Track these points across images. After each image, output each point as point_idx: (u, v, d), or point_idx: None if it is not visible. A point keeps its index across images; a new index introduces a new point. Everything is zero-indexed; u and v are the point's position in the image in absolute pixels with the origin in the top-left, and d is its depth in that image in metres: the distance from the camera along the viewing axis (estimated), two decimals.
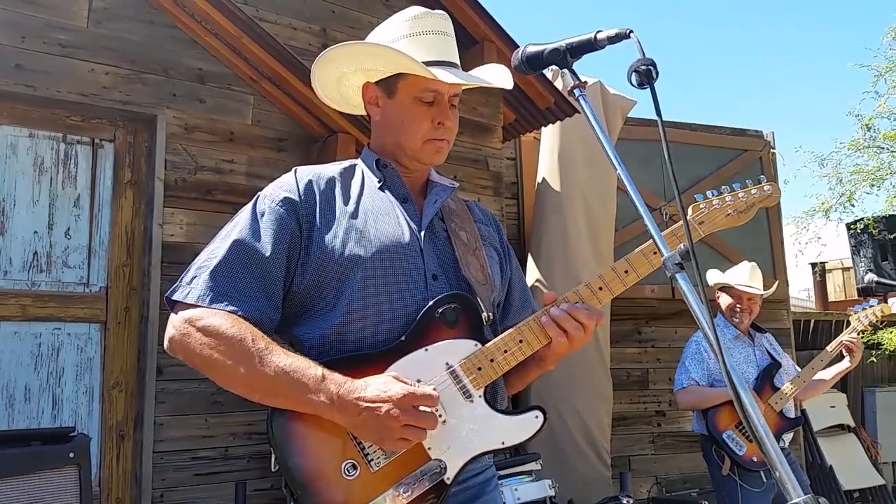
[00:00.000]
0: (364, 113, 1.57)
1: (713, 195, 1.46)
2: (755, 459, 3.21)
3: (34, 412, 3.16)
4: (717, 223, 1.46)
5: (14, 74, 3.11)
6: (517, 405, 3.79)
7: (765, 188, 1.48)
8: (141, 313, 3.37)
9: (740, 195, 1.48)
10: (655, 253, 1.35)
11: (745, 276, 3.54)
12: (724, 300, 3.54)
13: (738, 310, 3.48)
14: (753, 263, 3.63)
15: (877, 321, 3.43)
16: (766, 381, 3.36)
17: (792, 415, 3.43)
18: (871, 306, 3.42)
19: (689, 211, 1.42)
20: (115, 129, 3.44)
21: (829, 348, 3.43)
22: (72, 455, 2.29)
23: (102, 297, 3.34)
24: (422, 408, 1.21)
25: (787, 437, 3.44)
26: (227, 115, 3.60)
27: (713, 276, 3.61)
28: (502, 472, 3.19)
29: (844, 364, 3.45)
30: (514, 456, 3.61)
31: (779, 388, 3.35)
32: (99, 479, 3.24)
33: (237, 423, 3.41)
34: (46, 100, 3.21)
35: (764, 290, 3.55)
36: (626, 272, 1.36)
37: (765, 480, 3.22)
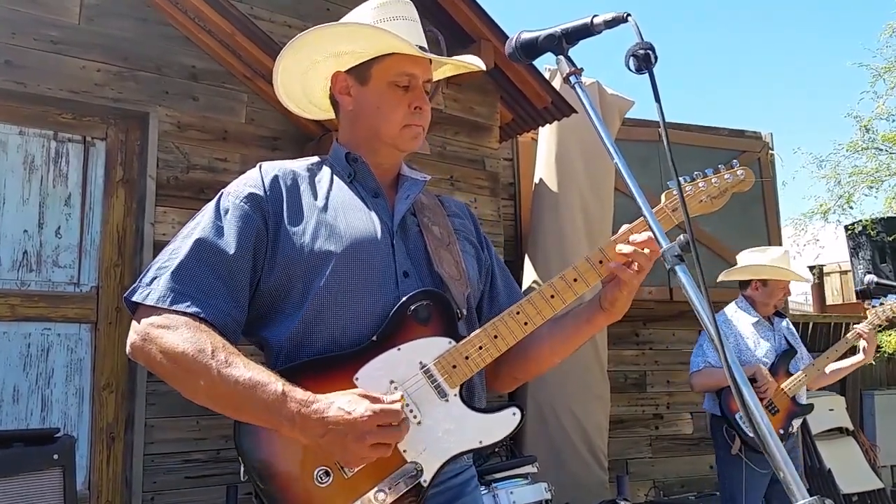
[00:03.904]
0: (325, 116, 1.53)
1: (686, 181, 1.42)
2: None
3: (23, 413, 3.11)
4: (690, 209, 1.42)
5: (4, 71, 3.07)
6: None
7: (738, 172, 1.45)
8: (131, 315, 3.32)
9: (713, 181, 1.44)
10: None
11: (796, 266, 3.51)
12: (763, 289, 3.46)
13: (777, 299, 3.45)
14: (786, 248, 3.61)
15: (893, 316, 3.42)
16: (781, 365, 3.37)
17: (803, 401, 3.43)
18: (889, 301, 3.42)
19: (663, 198, 1.40)
20: (106, 126, 3.40)
21: (848, 336, 3.42)
22: (56, 457, 2.23)
23: (93, 298, 3.29)
24: (387, 424, 1.16)
25: (797, 422, 3.42)
26: (221, 114, 3.56)
27: (759, 269, 3.47)
28: (498, 475, 3.15)
29: (859, 357, 3.47)
30: (510, 458, 3.57)
31: (793, 374, 3.35)
32: (89, 481, 3.19)
33: (229, 426, 3.32)
34: (37, 97, 3.17)
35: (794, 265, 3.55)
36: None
37: None
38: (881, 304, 3.43)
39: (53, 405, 3.17)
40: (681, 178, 1.42)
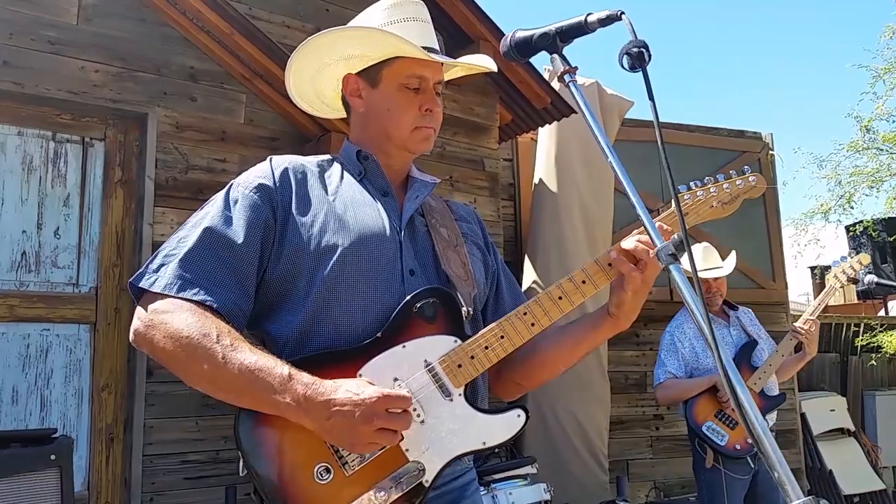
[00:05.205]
0: (337, 115, 1.53)
1: (697, 186, 1.42)
2: (739, 447, 3.18)
3: (21, 414, 3.10)
4: (701, 215, 1.43)
5: (2, 71, 3.07)
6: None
7: (749, 179, 1.45)
8: (131, 314, 3.31)
9: (725, 187, 1.44)
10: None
11: (700, 260, 3.43)
12: None
13: (707, 296, 3.39)
14: (705, 244, 3.55)
15: (854, 274, 3.33)
16: (742, 361, 3.30)
17: (773, 392, 3.35)
18: (847, 259, 3.33)
19: (673, 203, 1.39)
20: (105, 127, 3.40)
21: (789, 336, 3.32)
22: (53, 457, 2.23)
23: (92, 298, 3.29)
24: (395, 409, 1.15)
25: (771, 415, 3.35)
26: (219, 114, 3.56)
27: None
28: (497, 476, 3.14)
29: (800, 353, 3.36)
30: (509, 459, 3.56)
31: (757, 368, 3.27)
32: (88, 482, 3.19)
33: (228, 427, 3.34)
34: (35, 97, 3.17)
35: (723, 262, 3.45)
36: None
37: (752, 466, 3.18)
38: (838, 265, 3.31)
39: (52, 406, 3.17)
40: (693, 183, 1.43)
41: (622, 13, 1.04)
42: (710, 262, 3.46)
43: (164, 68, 3.44)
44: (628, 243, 1.30)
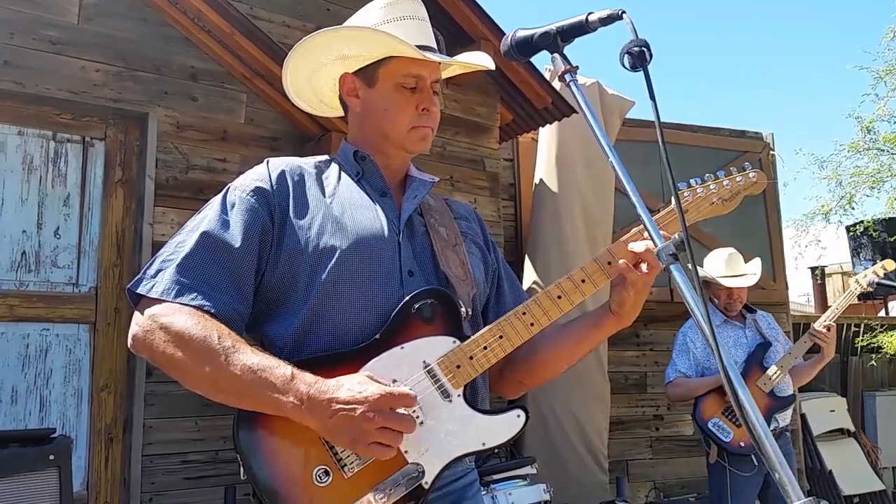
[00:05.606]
0: (336, 114, 1.53)
1: (697, 183, 1.41)
2: (742, 444, 3.25)
3: (21, 414, 3.10)
4: (701, 212, 1.42)
5: (3, 71, 3.07)
6: None
7: (750, 175, 1.44)
8: (131, 314, 3.30)
9: (725, 183, 1.42)
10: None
11: (723, 266, 3.50)
12: (706, 290, 3.51)
13: (728, 302, 3.48)
14: (731, 250, 3.60)
15: (879, 279, 3.38)
16: (754, 362, 3.36)
17: (786, 393, 3.37)
18: (871, 266, 3.40)
19: (673, 200, 1.39)
20: (105, 127, 3.40)
21: (805, 338, 3.36)
22: (52, 457, 2.23)
23: (92, 298, 3.29)
24: (399, 410, 1.15)
25: (783, 415, 3.37)
26: (220, 114, 3.55)
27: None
28: (497, 476, 3.14)
29: (818, 356, 3.42)
30: (509, 460, 3.56)
31: (767, 369, 3.33)
32: (87, 482, 3.19)
33: (228, 427, 3.33)
34: (36, 97, 3.17)
35: (746, 266, 3.50)
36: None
37: (755, 464, 3.23)
38: (863, 270, 3.44)
39: (52, 406, 3.17)
40: (693, 180, 1.42)
41: (623, 12, 1.04)
42: (735, 269, 3.52)
43: (165, 68, 3.44)
44: (638, 247, 1.29)
